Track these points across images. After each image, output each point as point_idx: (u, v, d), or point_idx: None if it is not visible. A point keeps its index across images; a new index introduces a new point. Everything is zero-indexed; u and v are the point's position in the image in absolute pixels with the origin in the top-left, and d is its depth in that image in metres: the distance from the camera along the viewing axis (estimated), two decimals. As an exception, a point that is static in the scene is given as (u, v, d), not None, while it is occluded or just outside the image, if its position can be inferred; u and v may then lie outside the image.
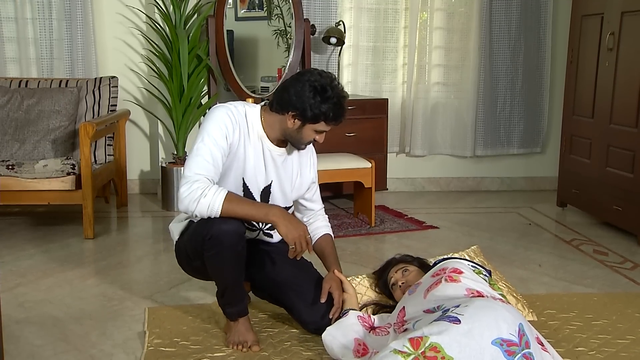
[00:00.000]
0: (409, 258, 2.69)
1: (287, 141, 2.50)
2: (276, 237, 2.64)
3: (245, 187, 2.48)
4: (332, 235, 2.74)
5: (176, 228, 2.56)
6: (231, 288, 2.41)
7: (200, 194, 2.24)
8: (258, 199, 2.50)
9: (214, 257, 2.32)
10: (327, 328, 2.37)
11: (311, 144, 2.64)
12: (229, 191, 2.29)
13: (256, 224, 2.58)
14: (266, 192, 2.52)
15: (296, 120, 2.39)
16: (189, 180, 2.28)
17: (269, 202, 2.52)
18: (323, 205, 2.78)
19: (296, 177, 2.60)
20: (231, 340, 2.46)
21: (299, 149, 2.53)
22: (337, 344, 2.31)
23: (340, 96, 2.38)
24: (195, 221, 2.39)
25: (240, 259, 2.36)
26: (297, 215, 2.74)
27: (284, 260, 2.57)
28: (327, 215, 2.79)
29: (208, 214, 2.26)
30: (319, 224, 2.72)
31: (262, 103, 2.52)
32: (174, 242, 2.57)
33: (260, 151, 2.47)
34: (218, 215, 2.26)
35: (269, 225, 2.59)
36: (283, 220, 2.29)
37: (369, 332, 2.36)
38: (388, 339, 2.23)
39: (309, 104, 2.34)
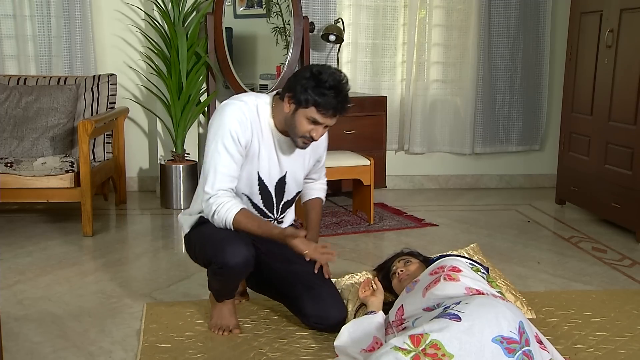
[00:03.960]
0: (416, 252, 2.70)
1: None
2: (287, 223, 2.67)
3: (261, 181, 2.50)
4: (323, 200, 2.80)
5: (186, 221, 2.58)
6: (227, 289, 2.49)
7: (214, 211, 2.34)
8: (273, 191, 2.53)
9: (220, 275, 2.40)
10: (352, 320, 2.35)
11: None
12: (238, 212, 2.33)
13: (270, 214, 2.59)
14: (281, 183, 2.54)
15: (291, 103, 2.37)
16: (207, 197, 2.36)
17: (284, 192, 2.56)
18: (326, 179, 2.83)
19: (308, 160, 2.63)
20: (213, 324, 2.52)
21: (295, 143, 2.44)
22: (354, 336, 2.26)
23: (336, 83, 2.30)
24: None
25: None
26: None
27: (293, 253, 2.58)
28: (326, 180, 2.83)
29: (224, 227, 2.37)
30: (314, 186, 2.79)
31: (274, 92, 2.51)
32: (183, 233, 2.60)
33: (272, 144, 2.48)
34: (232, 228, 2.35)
35: (283, 215, 2.62)
36: (294, 240, 2.33)
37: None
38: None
39: (301, 84, 2.32)
